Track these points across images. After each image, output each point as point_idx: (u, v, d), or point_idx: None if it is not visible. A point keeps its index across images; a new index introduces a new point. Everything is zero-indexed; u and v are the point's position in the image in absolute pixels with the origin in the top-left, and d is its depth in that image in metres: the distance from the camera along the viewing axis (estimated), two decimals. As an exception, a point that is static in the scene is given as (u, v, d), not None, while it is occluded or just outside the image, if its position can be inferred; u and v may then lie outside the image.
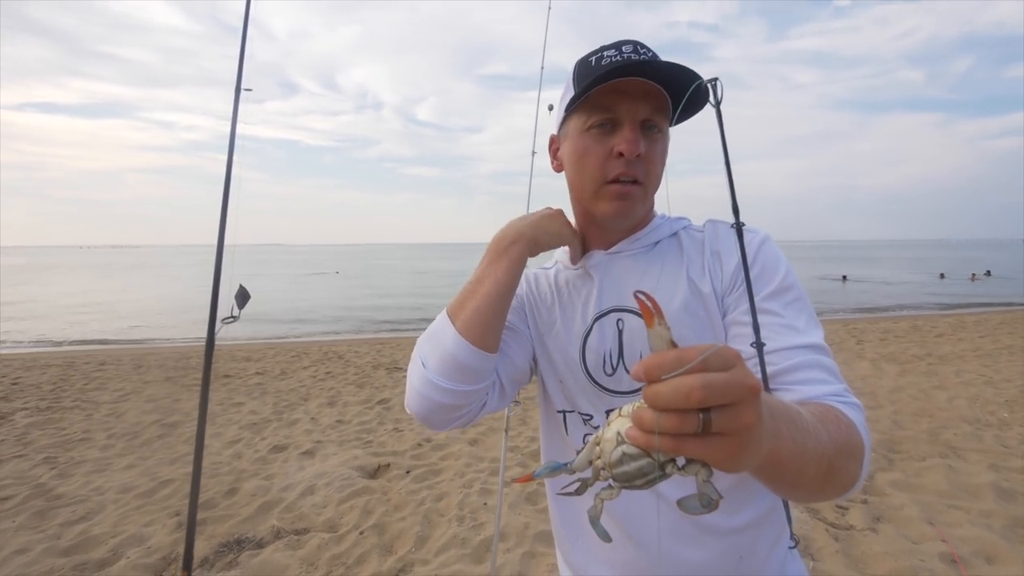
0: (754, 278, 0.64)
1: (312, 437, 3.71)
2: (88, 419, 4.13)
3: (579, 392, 0.71)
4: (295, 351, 7.34)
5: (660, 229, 0.73)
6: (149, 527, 2.47)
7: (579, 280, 0.75)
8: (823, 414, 0.50)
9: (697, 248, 0.71)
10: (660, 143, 0.66)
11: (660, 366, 0.31)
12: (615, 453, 0.38)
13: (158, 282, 26.66)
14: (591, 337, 0.70)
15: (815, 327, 0.62)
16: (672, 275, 0.69)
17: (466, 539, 2.35)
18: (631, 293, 0.68)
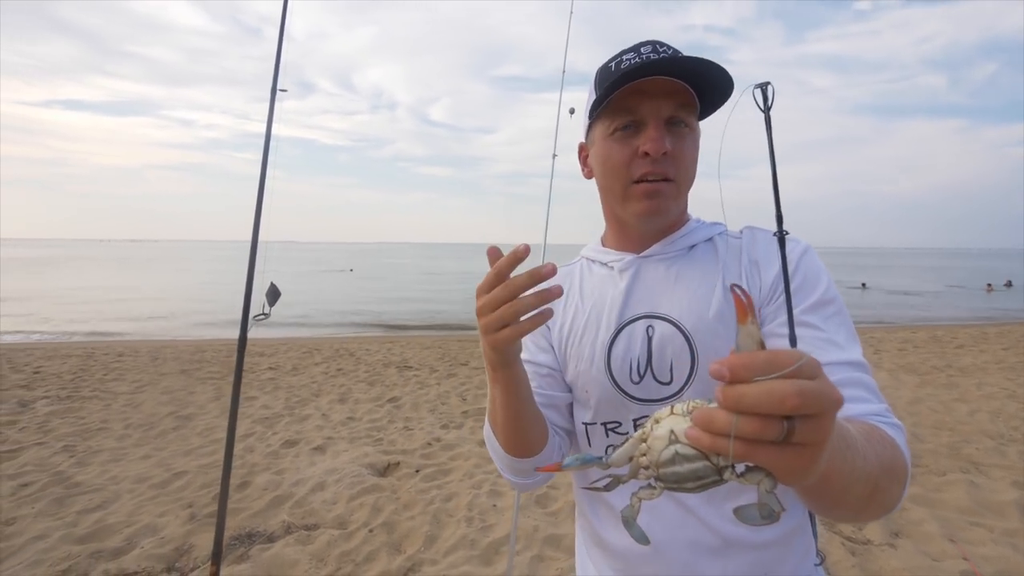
0: (794, 289, 0.62)
1: (323, 433, 3.74)
2: (106, 409, 4.22)
3: (604, 400, 0.68)
4: (307, 347, 7.41)
5: (695, 232, 0.71)
6: (163, 518, 2.51)
7: (606, 282, 0.72)
8: (869, 433, 0.48)
9: (734, 255, 0.68)
10: (689, 139, 0.64)
11: (750, 366, 0.29)
12: (667, 452, 0.36)
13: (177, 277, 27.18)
14: (618, 344, 0.67)
15: (855, 343, 0.59)
16: (708, 281, 0.66)
17: (475, 540, 2.34)
18: (663, 299, 0.66)
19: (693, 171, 0.67)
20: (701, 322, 0.64)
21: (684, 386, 0.63)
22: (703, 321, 0.64)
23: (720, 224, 0.73)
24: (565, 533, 2.41)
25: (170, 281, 23.88)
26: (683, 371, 0.63)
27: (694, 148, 0.65)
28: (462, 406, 4.50)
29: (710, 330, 0.63)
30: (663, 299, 0.67)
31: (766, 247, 0.67)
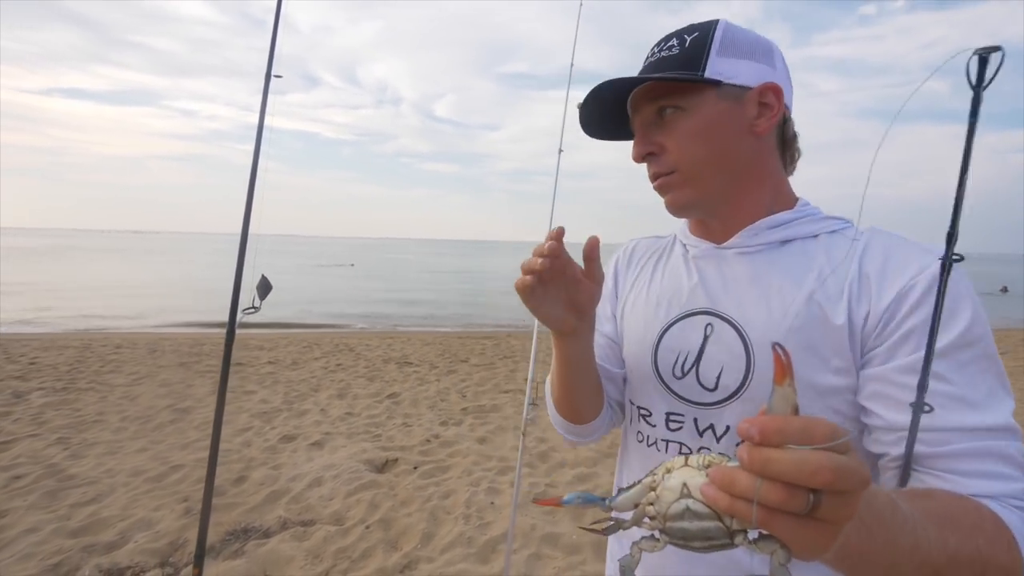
0: (917, 325, 0.49)
1: (321, 428, 3.71)
2: (102, 401, 4.19)
3: (643, 383, 0.65)
4: (307, 341, 7.39)
5: (794, 225, 0.59)
6: (158, 512, 2.48)
7: (680, 267, 0.66)
8: (957, 517, 0.41)
9: (853, 260, 0.55)
10: (685, 120, 0.58)
11: (783, 432, 0.28)
12: (676, 505, 0.34)
13: (178, 268, 27.16)
14: (671, 332, 0.62)
15: (1000, 399, 0.47)
16: (791, 287, 0.56)
17: (472, 538, 2.31)
18: (733, 298, 0.59)
19: (706, 149, 0.58)
20: (769, 334, 0.55)
21: (728, 399, 0.57)
22: (772, 334, 0.54)
23: (840, 220, 0.60)
24: (563, 532, 2.38)
25: (170, 273, 23.86)
26: (732, 383, 0.57)
27: (693, 126, 0.58)
28: (462, 403, 4.47)
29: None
30: (732, 298, 0.59)
31: (895, 259, 0.52)
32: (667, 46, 0.59)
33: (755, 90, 0.58)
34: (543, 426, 3.88)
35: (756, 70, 0.58)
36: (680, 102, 0.58)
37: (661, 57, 0.59)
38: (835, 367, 0.52)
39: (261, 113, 1.25)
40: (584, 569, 2.13)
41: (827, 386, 0.52)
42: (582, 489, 2.83)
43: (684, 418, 0.61)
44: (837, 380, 0.52)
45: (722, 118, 0.58)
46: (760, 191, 0.61)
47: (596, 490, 2.84)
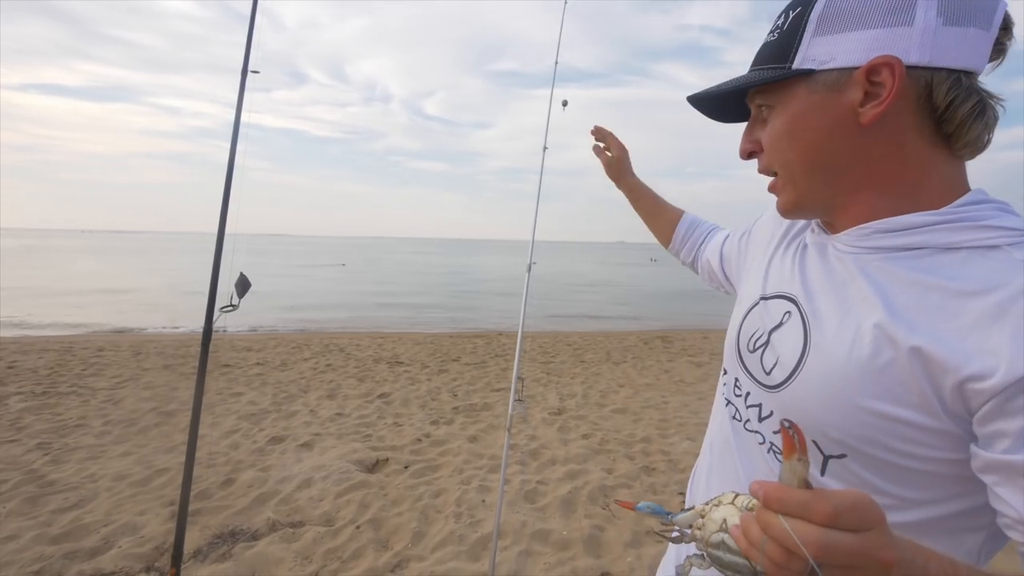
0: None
1: (311, 429, 3.68)
2: (84, 405, 4.11)
3: (729, 344, 0.67)
4: (296, 342, 7.31)
5: (926, 232, 0.47)
6: (143, 516, 2.44)
7: (796, 247, 0.63)
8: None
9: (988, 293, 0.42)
10: (773, 120, 0.54)
11: (784, 503, 0.31)
12: (715, 537, 0.40)
13: (162, 269, 26.68)
14: (760, 306, 0.62)
15: None
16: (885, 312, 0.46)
17: (463, 536, 2.31)
18: (815, 295, 0.55)
19: (795, 148, 0.52)
20: (830, 342, 0.50)
21: (776, 387, 0.55)
22: (833, 342, 0.49)
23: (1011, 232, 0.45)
24: (552, 528, 2.39)
25: (154, 273, 23.43)
26: (780, 375, 0.55)
27: (780, 126, 0.53)
28: (453, 402, 4.46)
29: (831, 356, 0.49)
30: (816, 295, 0.55)
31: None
32: (774, 27, 0.54)
33: (860, 71, 0.47)
34: (534, 424, 3.89)
35: (869, 41, 0.46)
36: (769, 99, 0.54)
37: (764, 43, 0.55)
38: (905, 401, 0.44)
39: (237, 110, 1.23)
40: (574, 564, 2.14)
41: (891, 415, 0.45)
42: (572, 485, 2.85)
43: (742, 389, 0.62)
44: (909, 415, 0.44)
45: (812, 112, 0.50)
46: (874, 190, 0.51)
47: (587, 486, 2.86)
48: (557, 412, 4.19)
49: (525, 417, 4.04)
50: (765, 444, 0.57)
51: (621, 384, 5.22)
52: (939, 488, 0.46)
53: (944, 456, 0.44)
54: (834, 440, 0.48)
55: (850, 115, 0.48)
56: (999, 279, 0.42)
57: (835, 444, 0.49)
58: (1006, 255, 0.44)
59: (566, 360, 6.40)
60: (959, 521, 0.47)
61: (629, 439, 3.63)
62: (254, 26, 1.23)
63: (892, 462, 0.46)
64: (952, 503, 0.46)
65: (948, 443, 0.44)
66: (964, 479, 0.45)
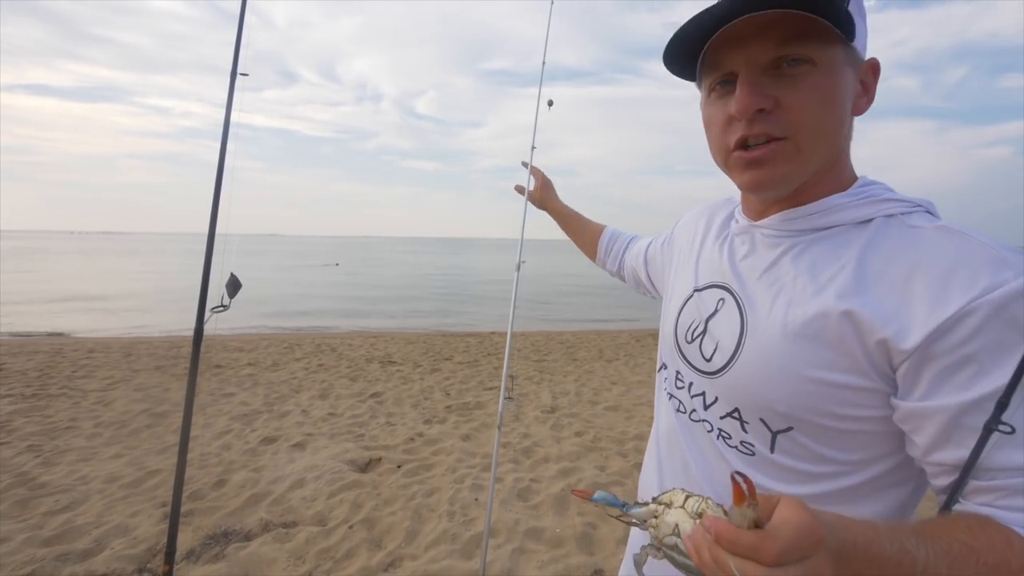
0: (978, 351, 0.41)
1: (303, 429, 3.68)
2: (75, 407, 4.07)
3: (665, 340, 0.70)
4: (288, 342, 7.28)
5: (842, 210, 0.52)
6: (134, 518, 2.44)
7: (722, 239, 0.65)
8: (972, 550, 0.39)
9: (882, 260, 0.48)
10: (811, 78, 0.47)
11: (733, 544, 0.34)
12: (669, 539, 0.43)
13: (150, 269, 26.39)
14: (695, 298, 0.64)
15: None
16: (807, 285, 0.51)
17: (456, 534, 2.33)
18: (747, 280, 0.57)
19: (827, 117, 0.48)
20: (765, 320, 0.53)
21: (717, 373, 0.57)
22: (768, 320, 0.53)
23: (909, 203, 0.51)
24: (546, 526, 2.42)
25: (145, 274, 23.18)
26: (722, 359, 0.57)
27: (822, 88, 0.47)
28: (445, 401, 4.48)
29: (768, 333, 0.52)
30: (746, 280, 0.58)
31: (959, 260, 0.44)
32: None
33: (866, 63, 0.51)
34: (527, 422, 3.92)
35: (866, 38, 0.50)
36: (814, 53, 0.47)
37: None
38: (842, 365, 0.47)
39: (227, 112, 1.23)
40: (567, 562, 2.17)
41: (828, 380, 0.48)
42: (565, 483, 2.88)
43: (684, 380, 0.64)
44: (846, 378, 0.47)
45: (847, 85, 0.49)
46: (835, 174, 0.54)
47: (580, 483, 2.89)
48: (550, 410, 4.22)
49: (518, 415, 4.06)
50: (713, 431, 0.59)
51: (614, 382, 5.26)
52: (874, 447, 0.50)
53: (877, 414, 0.48)
54: (780, 414, 0.51)
55: (852, 99, 0.51)
56: (903, 246, 0.48)
57: (781, 418, 0.52)
58: (901, 223, 0.50)
59: (559, 358, 6.44)
60: (891, 477, 0.51)
61: (622, 436, 3.67)
62: (243, 27, 1.23)
63: (834, 427, 0.50)
64: (885, 461, 0.51)
65: (879, 401, 0.48)
66: (892, 435, 0.49)
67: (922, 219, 0.50)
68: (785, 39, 0.47)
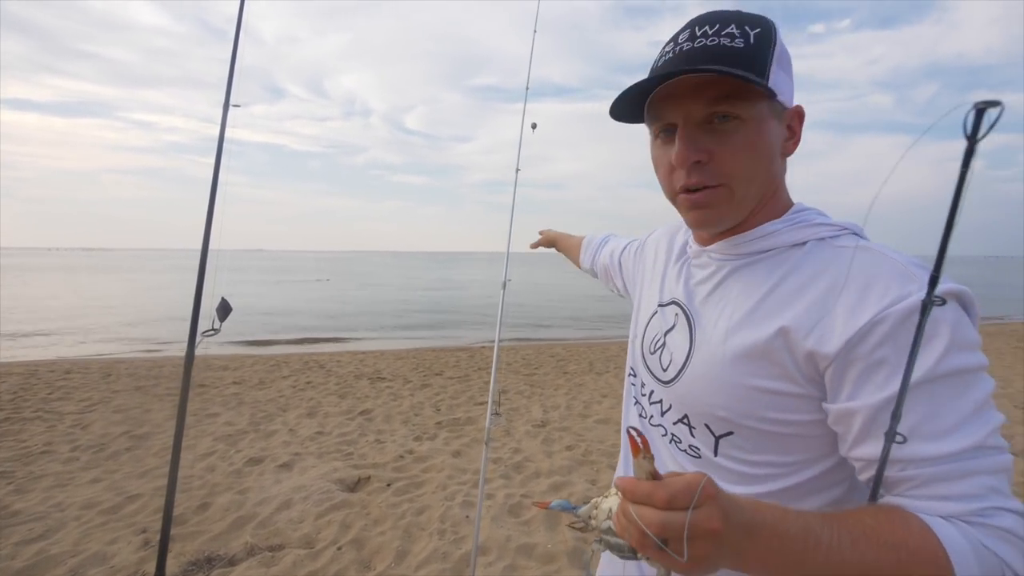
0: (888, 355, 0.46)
1: (290, 449, 3.61)
2: (50, 431, 3.94)
3: (633, 349, 0.75)
4: (274, 360, 7.16)
5: (778, 235, 0.58)
6: (113, 545, 2.35)
7: (679, 260, 0.72)
8: (873, 531, 0.43)
9: (823, 276, 0.52)
10: (740, 133, 0.53)
11: (632, 494, 0.39)
12: (604, 524, 0.46)
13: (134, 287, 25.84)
14: (659, 313, 0.71)
15: (975, 423, 0.45)
16: (746, 298, 0.57)
17: (447, 553, 2.30)
18: (698, 298, 0.64)
19: (756, 165, 0.55)
20: (709, 335, 0.59)
21: (670, 382, 0.64)
22: (712, 335, 0.59)
23: (838, 227, 0.57)
24: (537, 542, 2.39)
25: (126, 292, 22.68)
26: (674, 370, 0.64)
27: (749, 141, 0.54)
28: (436, 417, 4.43)
29: (711, 347, 0.58)
30: (697, 298, 0.65)
31: (870, 284, 0.48)
32: (726, 32, 0.52)
33: (789, 111, 0.57)
34: (518, 437, 3.89)
35: (790, 88, 0.56)
36: (741, 110, 0.53)
37: (723, 46, 0.52)
38: (771, 373, 0.52)
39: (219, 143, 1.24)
40: (559, 578, 2.14)
41: (760, 387, 0.53)
42: (558, 496, 2.86)
43: (646, 388, 0.70)
44: (776, 384, 0.52)
45: (771, 135, 0.55)
46: (771, 205, 0.60)
47: (571, 498, 2.87)
48: (541, 424, 4.20)
49: (509, 430, 4.04)
50: (667, 436, 0.66)
51: (604, 394, 5.27)
52: (810, 450, 0.54)
53: (809, 418, 0.53)
54: (721, 419, 0.57)
55: (779, 144, 0.58)
56: (828, 265, 0.53)
57: (723, 423, 0.57)
58: (828, 245, 0.56)
59: (549, 372, 6.43)
60: (827, 478, 0.55)
61: (613, 449, 3.66)
62: (236, 61, 1.25)
63: (770, 431, 0.54)
64: (821, 463, 0.55)
65: (811, 406, 0.52)
66: (826, 438, 0.53)
67: (849, 240, 0.56)
68: (716, 98, 0.53)
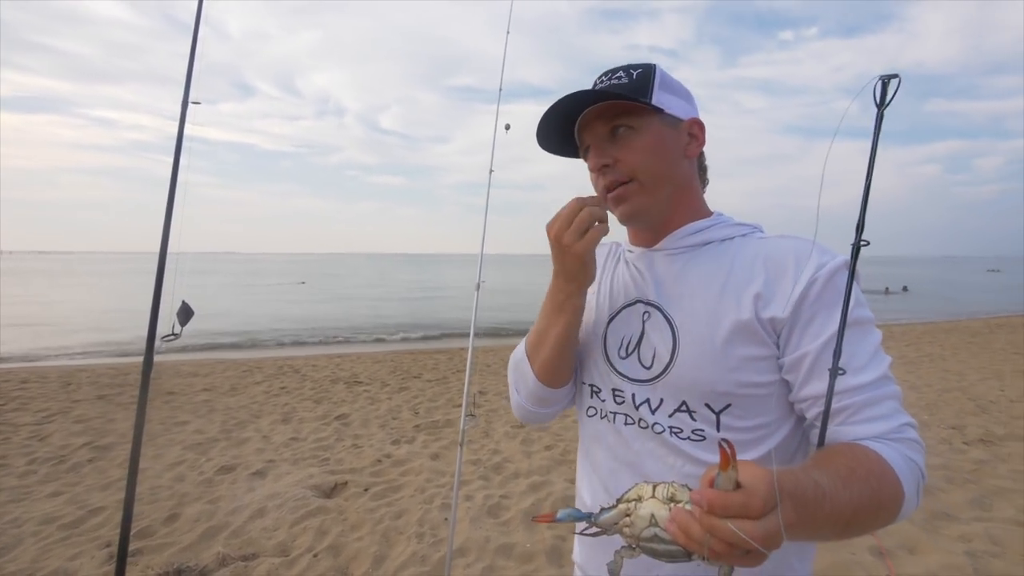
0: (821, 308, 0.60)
1: (264, 456, 3.53)
2: (5, 443, 3.74)
3: (593, 364, 0.75)
4: (247, 366, 6.97)
5: (711, 230, 0.71)
6: (75, 560, 2.26)
7: (623, 267, 0.78)
8: (853, 471, 0.51)
9: (749, 257, 0.66)
10: (636, 137, 0.67)
11: (725, 508, 0.38)
12: (647, 532, 0.44)
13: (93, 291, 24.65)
14: (618, 319, 0.73)
15: (878, 359, 0.60)
16: (710, 281, 0.67)
17: (426, 556, 2.30)
18: (663, 290, 0.70)
19: (658, 162, 0.68)
20: (690, 320, 0.66)
21: (659, 376, 0.67)
22: (693, 320, 0.66)
23: (750, 226, 0.73)
24: (516, 542, 2.42)
25: (86, 297, 21.63)
26: (662, 362, 0.67)
27: (646, 143, 0.67)
28: (414, 420, 4.41)
29: (696, 329, 0.65)
30: (662, 291, 0.70)
31: (802, 259, 0.63)
32: (615, 76, 0.69)
33: (686, 122, 0.71)
34: (496, 438, 3.91)
35: (685, 107, 0.71)
36: (632, 122, 0.67)
37: (612, 84, 0.69)
38: (752, 341, 0.62)
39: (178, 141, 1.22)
40: (537, 576, 2.17)
41: (746, 356, 0.63)
42: (535, 497, 2.89)
43: (624, 393, 0.70)
44: (757, 351, 0.62)
45: (666, 139, 0.69)
46: (690, 204, 0.73)
47: (549, 497, 2.91)
48: (520, 425, 4.23)
49: (488, 432, 4.05)
50: (665, 431, 0.67)
51: (582, 395, 5.33)
52: (780, 407, 0.64)
53: (777, 377, 0.64)
54: (721, 394, 0.64)
55: (683, 149, 0.71)
56: (761, 251, 0.66)
57: (722, 397, 0.64)
58: (751, 238, 0.70)
59: (528, 373, 6.47)
60: (793, 431, 0.66)
61: (589, 448, 3.72)
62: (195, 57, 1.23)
63: (755, 395, 0.63)
64: (790, 417, 0.66)
65: (776, 365, 0.64)
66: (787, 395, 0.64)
67: (761, 234, 0.71)
68: (613, 116, 0.68)
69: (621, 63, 0.72)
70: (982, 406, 4.52)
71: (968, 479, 2.96)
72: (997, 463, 3.20)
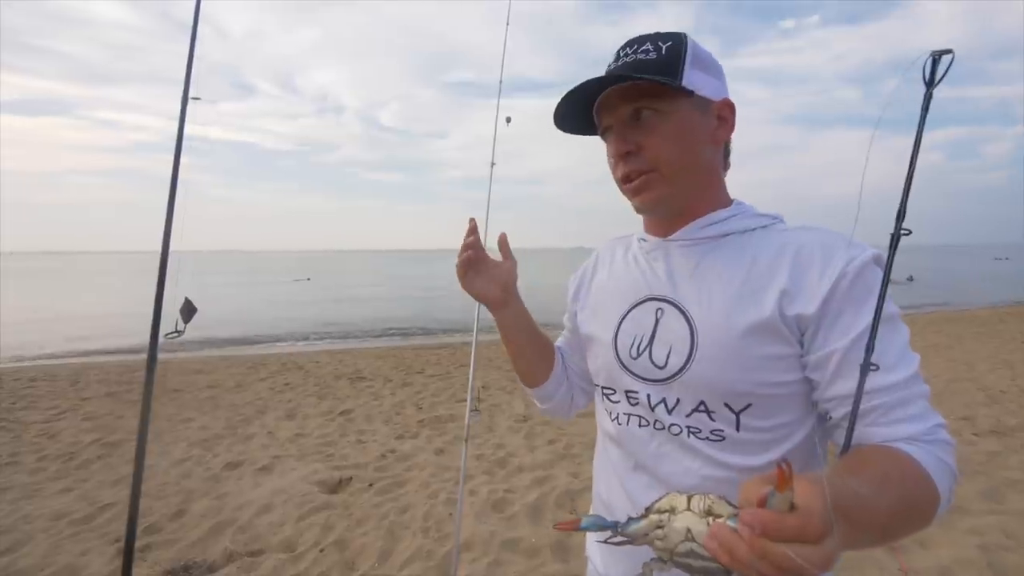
0: (850, 305, 0.56)
1: (269, 452, 3.55)
2: (15, 441, 3.79)
3: (605, 366, 0.72)
4: (251, 362, 7.01)
5: (731, 221, 0.66)
6: (85, 556, 2.29)
7: (634, 261, 0.74)
8: (887, 476, 0.48)
9: (773, 251, 0.61)
10: (662, 123, 0.62)
11: (780, 530, 0.34)
12: (683, 546, 0.41)
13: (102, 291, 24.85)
14: (629, 318, 0.70)
15: (908, 357, 0.56)
16: (729, 275, 0.62)
17: (431, 551, 2.31)
18: (678, 285, 0.66)
19: (682, 150, 0.63)
20: (709, 316, 0.62)
21: (675, 375, 0.63)
22: (711, 315, 0.62)
23: (771, 216, 0.67)
24: (521, 536, 2.43)
25: (94, 296, 21.81)
26: (679, 360, 0.63)
27: (673, 129, 0.62)
28: (418, 415, 4.42)
29: (716, 326, 0.61)
30: (677, 286, 0.66)
31: (829, 253, 0.58)
32: (642, 49, 0.62)
33: (717, 104, 0.65)
34: (500, 432, 3.92)
35: (716, 86, 0.65)
36: (659, 105, 0.62)
37: (638, 60, 0.62)
38: (775, 339, 0.58)
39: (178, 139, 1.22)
40: (543, 571, 2.18)
41: (768, 354, 0.59)
42: (540, 492, 2.89)
43: (639, 395, 0.67)
44: (779, 349, 0.59)
45: (694, 125, 0.63)
46: (713, 192, 0.67)
47: (554, 491, 2.91)
48: (523, 419, 4.24)
49: (491, 426, 4.06)
50: (683, 432, 0.64)
51: (585, 389, 5.33)
52: (801, 407, 0.61)
53: (799, 376, 0.60)
54: (741, 393, 0.60)
55: (712, 134, 0.65)
56: (786, 243, 0.62)
57: (742, 397, 0.60)
58: (774, 230, 0.65)
59: (532, 367, 6.47)
60: (813, 431, 0.63)
61: (594, 442, 3.72)
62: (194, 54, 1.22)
63: (777, 394, 0.60)
64: (809, 418, 0.62)
65: (799, 364, 0.60)
66: (808, 394, 0.61)
67: (783, 225, 0.66)
68: (638, 98, 0.63)
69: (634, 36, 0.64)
70: (992, 396, 4.47)
71: (979, 471, 2.93)
72: (1009, 454, 3.17)
